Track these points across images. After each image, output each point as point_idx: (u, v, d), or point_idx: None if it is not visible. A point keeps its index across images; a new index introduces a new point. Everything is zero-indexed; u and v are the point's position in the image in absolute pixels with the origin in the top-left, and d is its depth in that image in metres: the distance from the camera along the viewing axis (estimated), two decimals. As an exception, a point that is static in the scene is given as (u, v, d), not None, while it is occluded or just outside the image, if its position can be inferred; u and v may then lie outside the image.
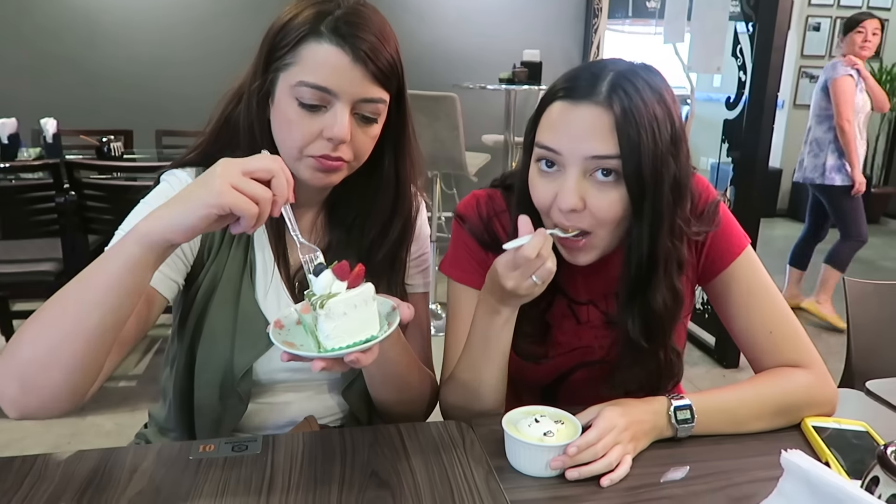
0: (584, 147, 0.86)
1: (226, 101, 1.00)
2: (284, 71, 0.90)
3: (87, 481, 0.80)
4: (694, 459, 0.89)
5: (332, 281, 0.78)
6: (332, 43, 0.88)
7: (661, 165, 0.87)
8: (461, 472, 0.84)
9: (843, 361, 1.60)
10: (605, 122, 0.85)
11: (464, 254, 1.07)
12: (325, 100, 0.89)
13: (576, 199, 0.87)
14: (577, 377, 1.09)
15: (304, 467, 0.84)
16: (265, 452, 0.87)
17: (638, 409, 0.91)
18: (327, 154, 0.91)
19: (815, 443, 0.92)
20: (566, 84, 0.90)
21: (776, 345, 1.02)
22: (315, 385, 1.06)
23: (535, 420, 0.87)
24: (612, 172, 0.87)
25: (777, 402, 0.96)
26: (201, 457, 0.86)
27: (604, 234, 0.91)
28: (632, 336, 0.97)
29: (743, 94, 3.08)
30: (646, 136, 0.85)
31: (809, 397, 0.98)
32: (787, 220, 6.31)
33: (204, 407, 0.99)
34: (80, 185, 2.49)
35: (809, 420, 0.96)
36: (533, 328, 1.03)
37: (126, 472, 0.82)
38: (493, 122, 4.45)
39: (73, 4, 4.21)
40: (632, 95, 0.85)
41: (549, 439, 0.84)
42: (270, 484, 0.80)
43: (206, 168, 0.90)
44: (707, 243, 1.04)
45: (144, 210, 0.93)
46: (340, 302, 0.76)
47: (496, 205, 1.07)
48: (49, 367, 0.76)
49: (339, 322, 0.76)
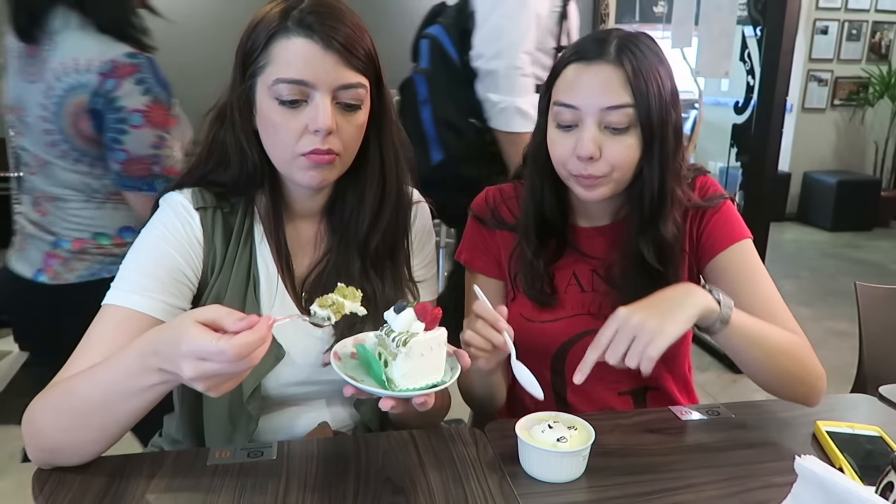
0: (600, 100, 0.97)
1: (210, 122, 0.99)
2: (260, 74, 0.91)
3: (106, 487, 0.81)
4: (707, 465, 0.89)
5: (413, 321, 0.79)
6: (301, 35, 0.89)
7: (666, 114, 0.99)
8: (475, 477, 0.85)
9: (855, 367, 1.60)
10: (618, 77, 0.97)
11: (470, 239, 1.20)
12: (303, 93, 0.89)
13: (593, 147, 0.97)
14: (582, 345, 1.10)
15: (320, 473, 0.85)
16: (280, 458, 0.88)
17: (660, 294, 0.92)
18: (317, 148, 0.91)
19: (828, 448, 0.92)
20: (576, 49, 1.02)
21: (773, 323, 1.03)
22: (326, 397, 1.06)
23: (548, 426, 0.88)
24: (623, 122, 0.98)
25: (790, 350, 0.98)
26: (218, 463, 0.87)
27: (617, 176, 1.01)
28: (647, 259, 1.04)
29: (751, 98, 3.08)
30: (653, 87, 0.98)
31: (811, 362, 1.00)
32: (797, 224, 6.29)
33: (214, 426, 0.99)
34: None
35: (823, 425, 0.96)
36: (542, 272, 1.11)
37: (144, 478, 0.83)
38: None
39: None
40: (637, 55, 0.98)
41: (563, 445, 0.84)
42: (286, 490, 0.81)
43: (202, 189, 0.94)
44: (707, 225, 1.10)
45: (148, 238, 0.95)
46: (421, 343, 0.78)
47: (504, 193, 1.19)
48: (79, 448, 0.83)
49: (416, 362, 0.78)
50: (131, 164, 1.37)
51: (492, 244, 1.17)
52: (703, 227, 1.10)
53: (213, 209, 0.98)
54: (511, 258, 1.15)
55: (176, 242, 0.94)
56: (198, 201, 0.97)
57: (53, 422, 0.82)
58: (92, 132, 1.37)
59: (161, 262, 0.92)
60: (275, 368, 0.98)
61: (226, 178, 0.98)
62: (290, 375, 0.99)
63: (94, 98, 1.33)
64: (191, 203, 0.97)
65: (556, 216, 1.11)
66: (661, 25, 4.42)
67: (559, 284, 1.13)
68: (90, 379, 0.80)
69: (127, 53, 1.35)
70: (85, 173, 1.41)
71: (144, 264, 0.93)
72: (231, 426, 0.98)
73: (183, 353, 0.70)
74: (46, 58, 1.37)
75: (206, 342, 0.70)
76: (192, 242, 0.95)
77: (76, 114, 1.35)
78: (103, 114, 1.35)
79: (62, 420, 0.81)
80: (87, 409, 0.80)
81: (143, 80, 1.35)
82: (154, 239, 0.95)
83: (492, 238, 1.17)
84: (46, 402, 0.83)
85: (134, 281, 0.90)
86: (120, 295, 0.90)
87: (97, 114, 1.35)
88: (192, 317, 0.72)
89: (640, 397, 1.16)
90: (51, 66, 1.36)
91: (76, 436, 0.82)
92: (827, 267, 3.82)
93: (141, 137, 1.36)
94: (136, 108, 1.35)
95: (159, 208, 0.99)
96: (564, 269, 1.14)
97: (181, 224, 0.96)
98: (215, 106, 0.98)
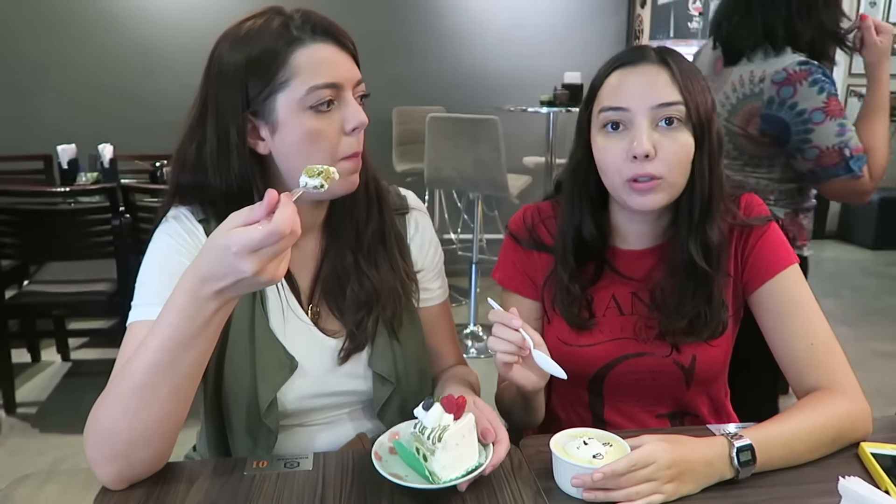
0: (651, 98, 0.98)
1: (186, 172, 0.96)
2: (284, 90, 0.90)
3: (147, 494, 0.83)
4: (749, 486, 0.87)
5: (442, 414, 0.82)
6: (318, 41, 0.91)
7: (711, 113, 1.02)
8: (509, 493, 0.84)
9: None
10: (665, 76, 0.99)
11: (506, 257, 1.19)
12: (335, 95, 0.91)
13: (649, 144, 0.97)
14: (621, 370, 1.11)
15: (355, 484, 0.86)
16: (316, 469, 0.89)
17: (692, 450, 0.85)
18: (357, 151, 0.94)
19: (873, 470, 0.90)
20: (616, 59, 1.04)
21: (817, 359, 1.01)
22: (348, 409, 1.07)
23: (583, 442, 0.87)
24: (674, 120, 0.99)
25: (827, 434, 0.93)
26: (255, 472, 0.88)
27: (672, 179, 1.00)
28: (695, 259, 1.03)
29: (790, 114, 3.02)
30: (699, 86, 1.00)
31: (851, 424, 0.95)
32: (837, 242, 6.14)
33: (237, 440, 0.99)
34: (135, 207, 2.58)
35: (867, 446, 0.94)
36: (578, 296, 1.10)
37: (183, 486, 0.85)
38: (534, 144, 4.47)
39: (129, 37, 4.40)
40: (677, 59, 1.01)
41: (599, 461, 0.83)
42: (322, 500, 0.82)
43: (201, 204, 0.97)
44: (753, 251, 1.07)
45: (156, 252, 0.96)
46: (454, 434, 0.81)
47: (542, 212, 1.19)
48: (154, 432, 0.82)
49: (453, 452, 0.81)
50: (823, 157, 1.54)
51: (528, 265, 1.16)
52: (748, 251, 1.08)
53: (215, 221, 0.97)
54: (547, 281, 1.14)
55: (185, 251, 0.95)
56: (198, 214, 0.99)
57: (122, 410, 0.80)
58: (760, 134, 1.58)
59: (174, 272, 0.88)
60: (289, 381, 0.98)
61: (216, 198, 0.96)
62: (305, 388, 1.00)
63: (768, 105, 1.54)
64: (193, 216, 0.99)
65: (594, 239, 1.09)
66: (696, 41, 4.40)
67: (597, 308, 1.12)
68: (147, 348, 0.79)
69: (798, 62, 1.52)
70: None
71: (159, 276, 0.93)
72: (252, 440, 0.98)
73: (236, 254, 0.70)
74: (729, 72, 1.64)
75: (253, 233, 0.70)
76: (199, 249, 0.96)
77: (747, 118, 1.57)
78: (783, 119, 1.53)
79: (131, 403, 0.79)
80: (154, 377, 0.78)
81: (816, 81, 1.50)
82: (162, 250, 0.96)
83: (528, 258, 1.16)
84: (108, 399, 0.82)
85: (152, 294, 0.91)
86: (142, 310, 0.91)
87: (772, 119, 1.55)
88: (223, 228, 0.73)
89: (678, 420, 1.15)
90: (731, 79, 1.62)
91: (149, 416, 0.80)
92: (869, 286, 3.72)
93: (826, 131, 1.51)
94: (816, 107, 1.50)
95: (161, 225, 0.99)
96: (603, 291, 1.12)
97: (188, 234, 0.97)
98: (191, 132, 0.96)
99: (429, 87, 4.69)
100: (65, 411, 2.79)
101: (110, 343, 3.37)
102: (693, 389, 1.11)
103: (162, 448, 0.84)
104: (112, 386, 0.82)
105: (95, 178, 3.16)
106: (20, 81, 4.32)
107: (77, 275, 2.82)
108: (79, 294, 2.73)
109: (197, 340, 0.78)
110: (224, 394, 0.98)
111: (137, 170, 3.44)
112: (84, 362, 3.27)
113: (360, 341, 1.03)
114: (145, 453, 0.83)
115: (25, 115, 4.33)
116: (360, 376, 1.04)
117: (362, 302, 1.03)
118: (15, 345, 2.85)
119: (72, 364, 3.24)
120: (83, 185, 3.06)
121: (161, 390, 0.79)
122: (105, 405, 0.82)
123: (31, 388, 3.00)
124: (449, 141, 3.28)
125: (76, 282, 2.78)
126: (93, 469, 0.83)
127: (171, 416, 0.82)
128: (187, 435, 0.98)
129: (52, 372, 3.16)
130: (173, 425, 0.83)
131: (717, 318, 1.06)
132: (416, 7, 4.66)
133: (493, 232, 4.80)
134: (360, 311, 1.03)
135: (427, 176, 3.42)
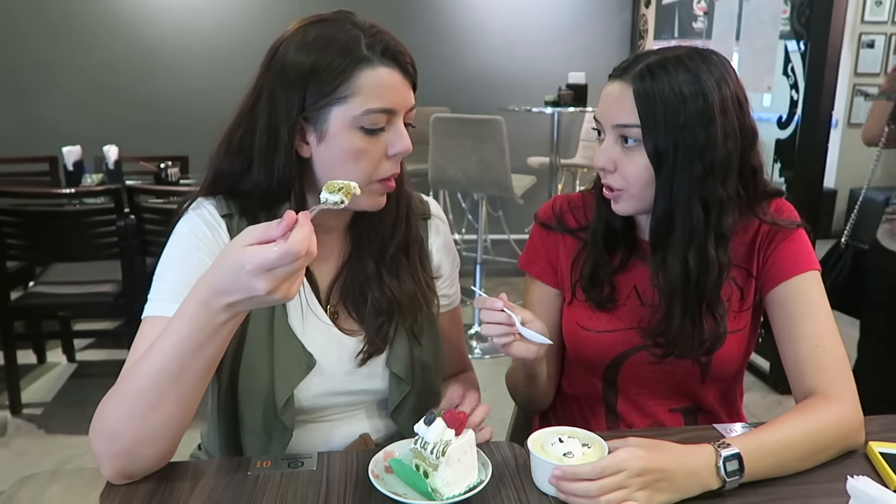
0: (612, 116, 1.01)
1: (239, 136, 0.96)
2: (341, 104, 0.90)
3: (152, 493, 0.83)
4: (756, 485, 0.86)
5: (444, 429, 0.82)
6: (385, 66, 0.91)
7: (682, 138, 0.96)
8: (514, 493, 0.84)
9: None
10: (628, 96, 0.98)
11: (532, 244, 1.21)
12: (388, 120, 0.92)
13: (604, 159, 1.01)
14: (637, 359, 1.11)
15: (359, 485, 0.85)
16: (320, 469, 0.89)
17: (673, 459, 0.82)
18: (394, 173, 0.94)
19: (881, 469, 0.89)
20: (614, 68, 1.04)
21: (819, 361, 0.99)
22: (363, 407, 1.07)
23: (559, 439, 0.86)
24: (630, 140, 0.99)
25: (817, 441, 0.91)
26: (259, 472, 0.88)
27: (635, 192, 1.02)
28: (677, 273, 1.01)
29: (795, 114, 3.02)
30: (666, 110, 0.96)
31: (845, 432, 0.93)
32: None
33: (250, 437, 0.99)
34: (140, 209, 2.59)
35: (876, 446, 0.93)
36: (603, 280, 1.12)
37: (188, 485, 0.84)
38: (538, 144, 4.47)
39: (135, 40, 4.41)
40: (657, 74, 0.97)
41: (568, 460, 0.82)
42: (326, 500, 0.82)
43: (226, 197, 0.96)
44: (776, 251, 1.07)
45: (176, 246, 0.95)
46: (456, 449, 0.81)
47: (571, 202, 1.21)
48: (158, 433, 0.82)
49: (455, 468, 0.80)
50: None
51: (552, 250, 1.18)
52: (771, 249, 1.07)
53: (239, 216, 0.98)
54: (574, 261, 1.15)
55: (205, 248, 0.95)
56: (223, 209, 0.99)
57: (128, 411, 0.80)
58: None
59: (192, 269, 0.88)
60: (306, 378, 0.98)
61: (251, 190, 0.96)
62: (321, 385, 1.00)
63: None
64: (217, 210, 0.99)
65: (623, 230, 1.11)
66: (701, 41, 4.39)
67: (619, 294, 1.13)
68: (155, 353, 0.79)
69: None
70: None
71: (177, 272, 0.93)
72: (267, 436, 0.98)
73: (250, 272, 0.70)
74: None
75: (268, 253, 0.70)
76: (221, 248, 0.95)
77: None
78: None
79: (137, 405, 0.80)
80: (160, 382, 0.79)
81: None
82: (183, 246, 0.95)
83: (553, 243, 1.18)
84: (115, 398, 0.82)
85: (170, 290, 0.91)
86: (158, 306, 0.91)
87: None
88: (238, 244, 0.73)
89: (692, 416, 1.14)
90: None
91: (154, 418, 0.80)
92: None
93: None
94: None
95: (184, 217, 0.99)
96: (627, 280, 1.13)
97: (209, 230, 0.97)
98: (241, 118, 0.96)
99: (433, 88, 4.68)
100: (70, 412, 2.79)
101: (116, 344, 3.38)
102: (708, 385, 1.11)
103: (166, 447, 0.84)
104: (120, 385, 0.82)
105: (100, 179, 3.17)
106: (26, 83, 4.34)
107: (82, 276, 2.83)
108: (84, 295, 2.74)
109: (205, 349, 0.78)
110: (240, 390, 0.98)
111: (142, 171, 3.45)
112: (90, 363, 3.28)
113: (380, 346, 1.03)
114: (150, 451, 0.83)
115: (31, 116, 4.35)
116: (378, 376, 1.04)
117: (383, 309, 1.03)
118: (21, 346, 2.86)
119: (77, 365, 3.25)
120: (88, 186, 3.07)
121: (167, 395, 0.80)
122: (112, 403, 0.82)
123: (37, 389, 3.01)
124: (453, 141, 3.28)
125: (81, 283, 2.79)
126: (97, 461, 0.83)
127: (176, 418, 0.82)
128: (192, 434, 0.98)
129: (57, 373, 3.17)
130: (179, 426, 0.83)
131: (701, 337, 1.04)
132: (420, 9, 4.66)
133: (497, 232, 4.80)
134: (379, 317, 1.03)
135: (431, 176, 3.42)
